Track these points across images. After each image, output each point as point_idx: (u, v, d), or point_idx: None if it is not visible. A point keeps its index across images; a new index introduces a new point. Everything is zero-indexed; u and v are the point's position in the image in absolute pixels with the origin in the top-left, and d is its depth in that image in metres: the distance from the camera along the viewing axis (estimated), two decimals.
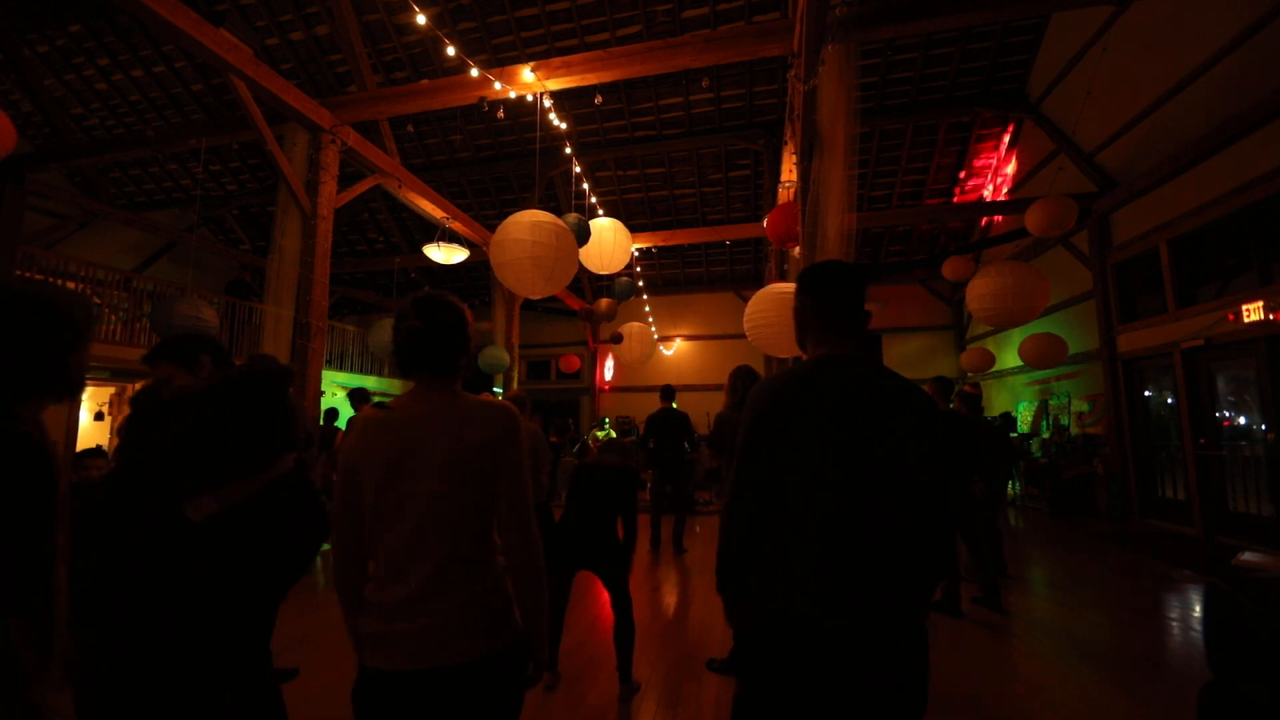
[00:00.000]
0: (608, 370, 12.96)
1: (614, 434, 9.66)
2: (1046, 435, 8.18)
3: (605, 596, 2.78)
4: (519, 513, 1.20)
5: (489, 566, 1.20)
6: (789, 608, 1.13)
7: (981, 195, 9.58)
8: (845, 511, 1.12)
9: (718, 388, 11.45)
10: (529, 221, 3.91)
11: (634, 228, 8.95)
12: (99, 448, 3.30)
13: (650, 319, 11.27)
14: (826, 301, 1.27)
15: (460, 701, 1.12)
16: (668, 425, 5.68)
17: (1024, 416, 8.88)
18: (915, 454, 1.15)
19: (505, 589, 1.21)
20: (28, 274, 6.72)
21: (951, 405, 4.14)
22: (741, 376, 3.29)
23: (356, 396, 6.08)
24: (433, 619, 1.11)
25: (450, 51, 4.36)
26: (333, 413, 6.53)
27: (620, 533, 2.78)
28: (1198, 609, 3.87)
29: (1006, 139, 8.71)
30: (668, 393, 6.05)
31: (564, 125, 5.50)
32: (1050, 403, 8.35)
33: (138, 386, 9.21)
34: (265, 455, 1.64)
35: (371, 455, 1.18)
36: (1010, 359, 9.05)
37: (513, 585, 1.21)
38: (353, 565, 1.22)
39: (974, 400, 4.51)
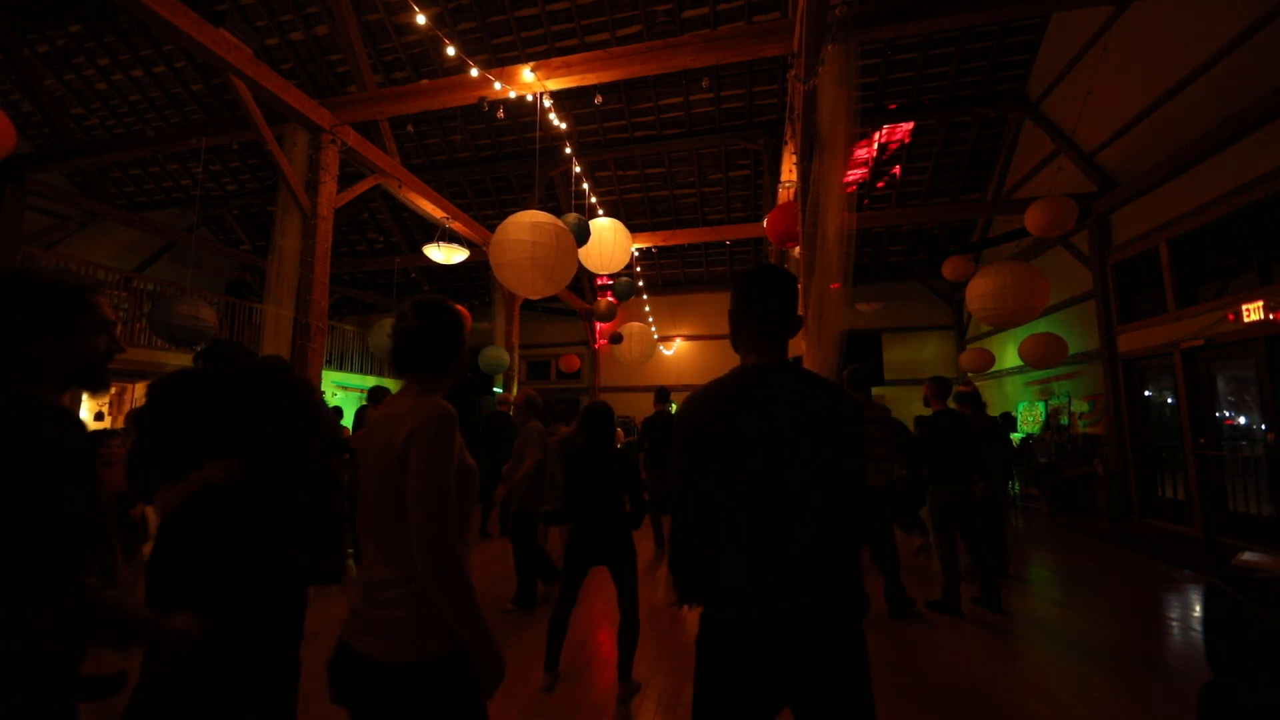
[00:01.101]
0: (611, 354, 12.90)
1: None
2: (1038, 431, 8.18)
3: (605, 595, 2.78)
4: (427, 523, 1.11)
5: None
6: (718, 611, 1.22)
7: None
8: (758, 521, 1.19)
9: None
10: (529, 222, 3.91)
11: (634, 228, 8.95)
12: (114, 429, 3.29)
13: (650, 319, 11.27)
14: (765, 309, 1.31)
15: (384, 698, 1.13)
16: (664, 427, 5.71)
17: (1025, 417, 8.88)
18: (826, 459, 1.21)
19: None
20: None
21: (950, 405, 4.14)
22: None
23: (374, 396, 6.09)
24: (373, 610, 1.17)
25: (450, 51, 4.36)
26: (337, 411, 6.53)
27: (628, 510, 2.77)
28: (1198, 609, 3.87)
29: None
30: (662, 395, 6.06)
31: (564, 125, 5.50)
32: (1050, 403, 8.35)
33: (138, 386, 9.20)
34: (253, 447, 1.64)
35: (360, 450, 1.30)
36: (1010, 359, 9.05)
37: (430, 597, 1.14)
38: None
39: (973, 399, 4.51)
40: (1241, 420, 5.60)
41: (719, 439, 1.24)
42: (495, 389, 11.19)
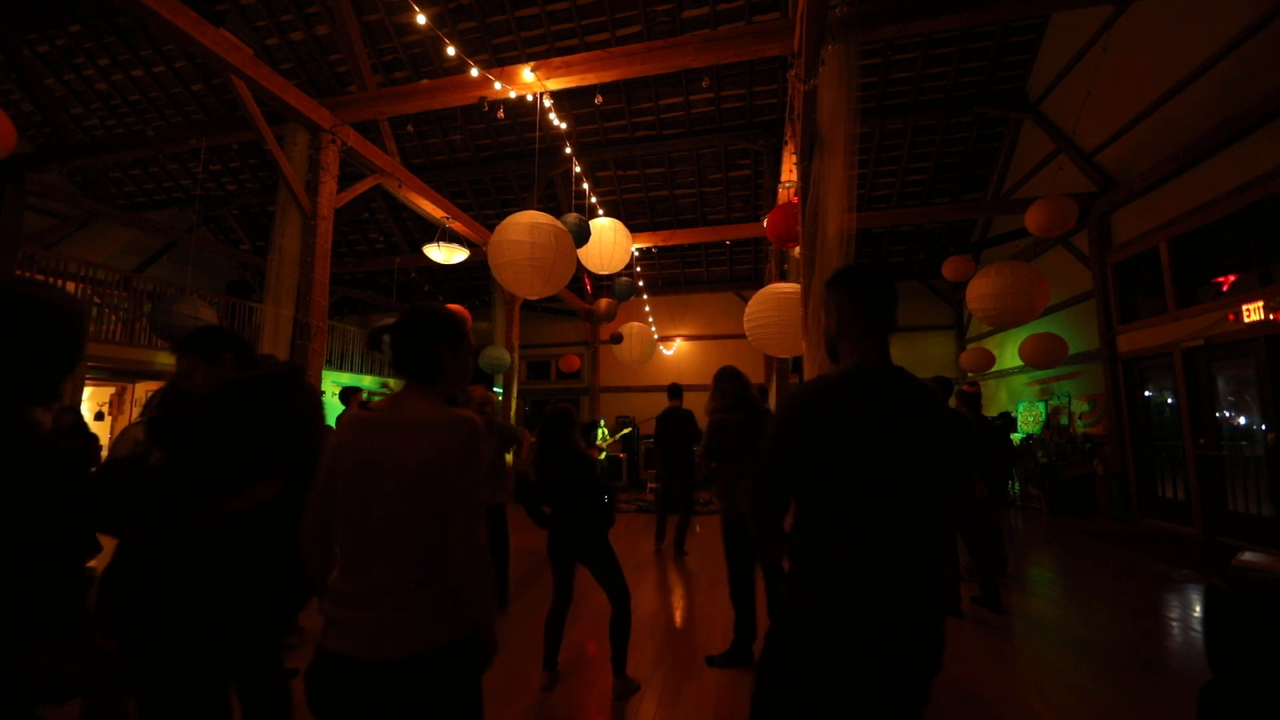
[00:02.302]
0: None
1: (608, 435, 9.64)
2: (1038, 431, 8.18)
3: (604, 594, 2.78)
4: (467, 523, 1.23)
5: (444, 570, 1.24)
6: (823, 618, 1.15)
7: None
8: (877, 528, 1.14)
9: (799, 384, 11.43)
10: (527, 223, 3.91)
11: (634, 228, 8.95)
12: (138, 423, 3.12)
13: (650, 319, 11.26)
14: (872, 304, 1.26)
15: (408, 693, 1.18)
16: (673, 424, 5.67)
17: (1025, 417, 8.87)
18: (937, 468, 1.18)
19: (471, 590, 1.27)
20: (28, 274, 6.72)
21: (951, 404, 4.14)
22: (727, 377, 3.28)
23: (346, 395, 6.08)
24: (385, 613, 1.18)
25: (450, 51, 4.36)
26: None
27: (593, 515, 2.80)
28: (1198, 609, 3.87)
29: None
30: (675, 391, 5.99)
31: (564, 125, 5.50)
32: (1050, 403, 8.35)
33: (137, 387, 9.19)
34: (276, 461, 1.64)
35: (346, 452, 1.27)
36: (1010, 359, 9.04)
37: (457, 590, 1.23)
38: (321, 550, 1.32)
39: (974, 400, 4.52)
40: (1241, 420, 5.60)
41: (838, 435, 1.16)
42: (495, 389, 11.20)
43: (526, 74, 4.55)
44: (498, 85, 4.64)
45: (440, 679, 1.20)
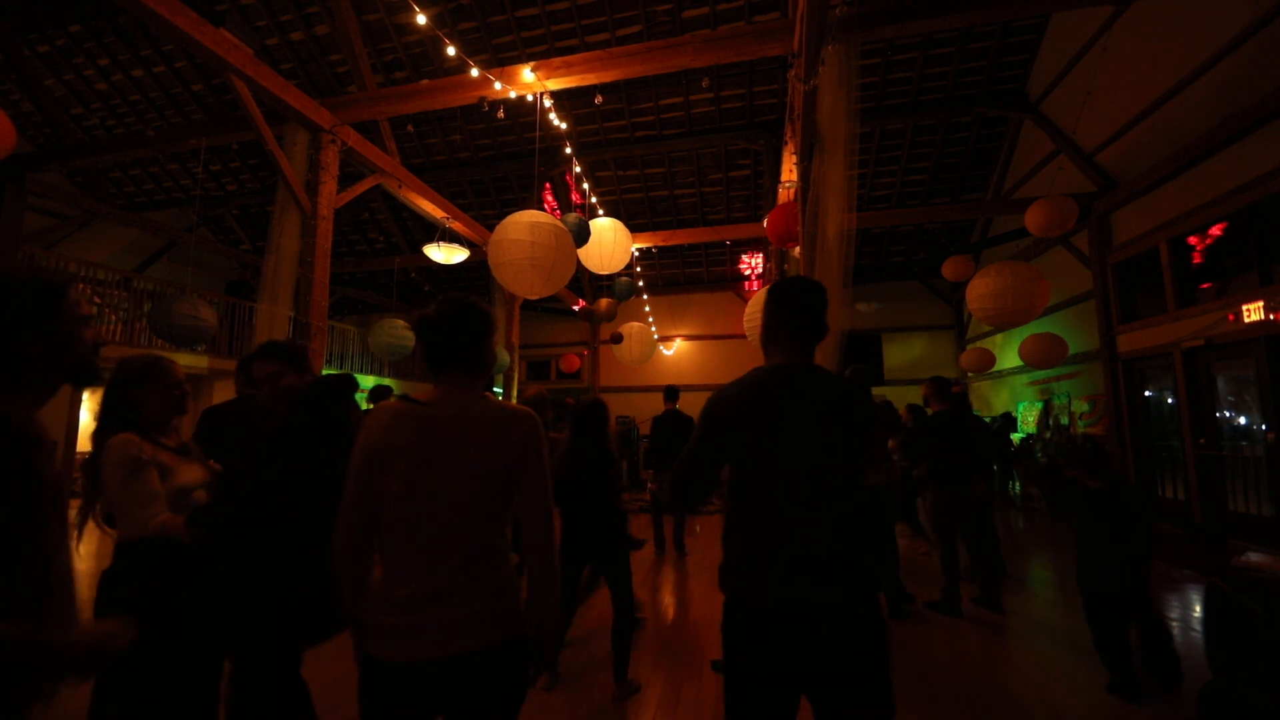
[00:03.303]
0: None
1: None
2: (1038, 431, 8.18)
3: (608, 596, 2.78)
4: (542, 510, 1.28)
5: (506, 562, 1.27)
6: (750, 596, 1.26)
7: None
8: (791, 509, 1.26)
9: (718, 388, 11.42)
10: (527, 222, 3.91)
11: (634, 228, 8.93)
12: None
13: (650, 319, 11.26)
14: (796, 315, 1.40)
15: (480, 684, 1.19)
16: (671, 426, 5.69)
17: (1025, 417, 8.88)
18: (843, 446, 1.30)
19: (516, 583, 1.29)
20: None
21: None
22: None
23: (377, 394, 6.06)
24: (454, 610, 1.17)
25: (450, 51, 4.36)
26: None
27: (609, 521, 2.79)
28: (1198, 609, 3.87)
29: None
30: (671, 393, 6.03)
31: (564, 125, 5.50)
32: (1050, 403, 8.35)
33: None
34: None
35: (401, 447, 1.20)
36: (1010, 359, 9.04)
37: (529, 577, 1.29)
38: (360, 554, 1.24)
39: (961, 401, 4.50)
40: (1241, 420, 5.60)
41: (752, 430, 1.29)
42: (495, 389, 11.20)
43: (526, 74, 4.55)
44: (498, 85, 4.64)
45: (499, 675, 1.21)
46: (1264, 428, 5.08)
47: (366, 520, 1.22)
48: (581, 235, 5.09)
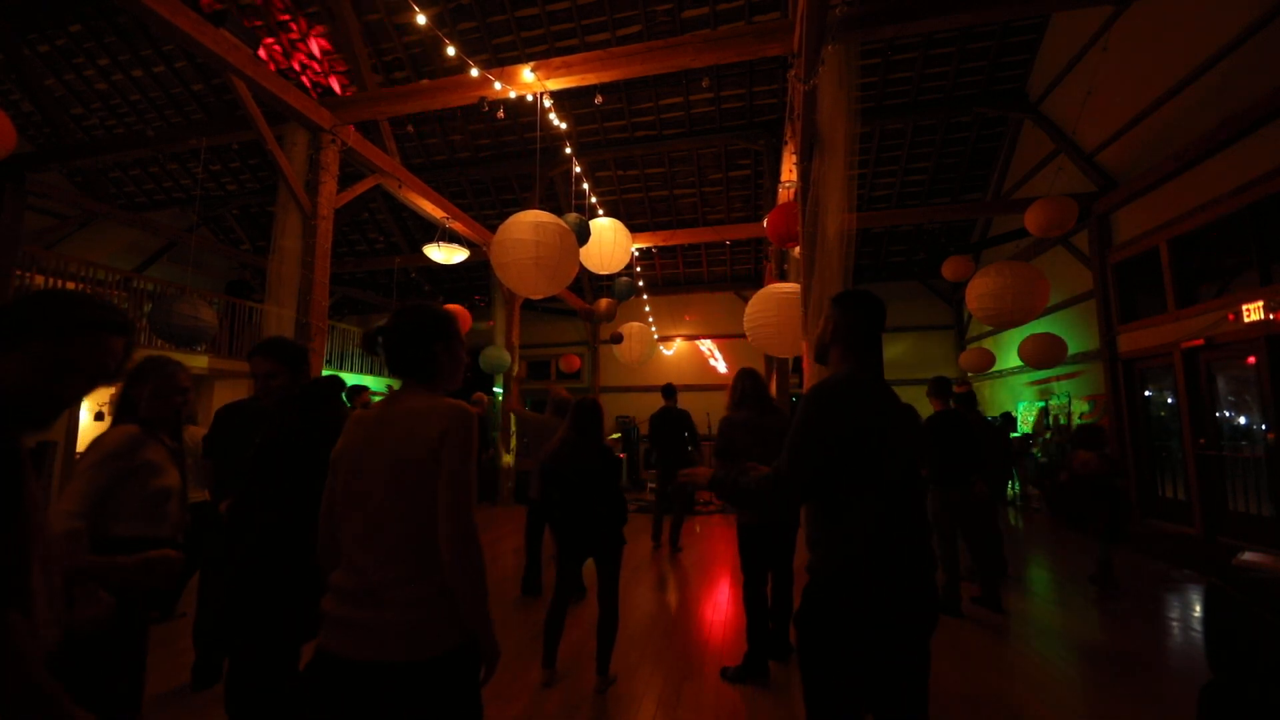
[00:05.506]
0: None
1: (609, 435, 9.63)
2: (1047, 435, 8.18)
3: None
4: (456, 515, 1.18)
5: (435, 571, 1.19)
6: (850, 571, 1.39)
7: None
8: (886, 499, 1.41)
9: (718, 388, 11.43)
10: (532, 222, 3.91)
11: (634, 228, 8.94)
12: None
13: (650, 319, 11.26)
14: (868, 326, 1.60)
15: (401, 699, 1.12)
16: (669, 424, 5.69)
17: (1025, 417, 8.87)
18: (914, 454, 1.52)
19: (449, 596, 1.20)
20: (28, 274, 6.73)
21: (951, 405, 4.14)
22: (741, 375, 3.28)
23: (352, 393, 6.08)
24: (379, 613, 1.14)
25: (450, 51, 4.36)
26: None
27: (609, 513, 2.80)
28: (1198, 609, 3.87)
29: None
30: (669, 391, 6.05)
31: (564, 125, 5.50)
32: (1051, 402, 8.35)
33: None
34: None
35: (343, 451, 1.28)
36: (1010, 359, 9.04)
37: (452, 589, 1.18)
38: (327, 552, 1.30)
39: (968, 400, 4.51)
40: (1241, 420, 5.60)
41: (873, 426, 1.43)
42: (495, 389, 11.21)
43: (526, 74, 4.55)
44: (498, 85, 4.64)
45: (437, 686, 1.14)
46: (1264, 428, 5.08)
47: (329, 522, 1.30)
48: (582, 235, 5.10)
